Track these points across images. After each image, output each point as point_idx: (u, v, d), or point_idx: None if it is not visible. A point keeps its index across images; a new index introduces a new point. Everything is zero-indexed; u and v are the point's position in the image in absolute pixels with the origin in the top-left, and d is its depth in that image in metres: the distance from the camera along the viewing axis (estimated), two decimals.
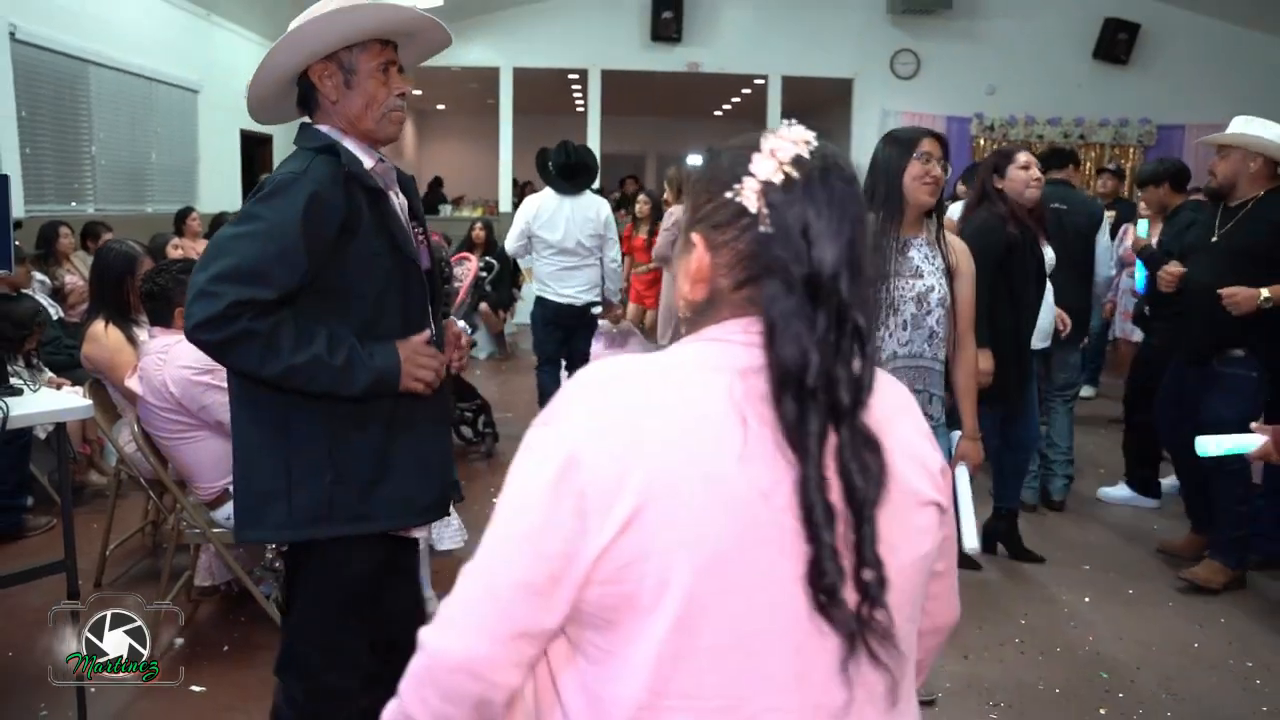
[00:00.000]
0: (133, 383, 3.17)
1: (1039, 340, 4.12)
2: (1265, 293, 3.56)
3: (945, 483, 1.04)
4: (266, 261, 1.75)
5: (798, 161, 0.94)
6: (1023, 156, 3.74)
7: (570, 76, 12.52)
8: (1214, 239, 3.86)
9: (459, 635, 0.92)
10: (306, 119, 1.99)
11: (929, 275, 2.71)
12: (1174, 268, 3.96)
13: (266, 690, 2.94)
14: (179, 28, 8.56)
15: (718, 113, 17.75)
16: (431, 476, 1.97)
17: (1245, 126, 3.76)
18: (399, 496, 1.92)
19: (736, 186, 0.95)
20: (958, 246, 2.88)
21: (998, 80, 11.08)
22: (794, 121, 0.98)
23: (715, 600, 0.88)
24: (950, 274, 2.77)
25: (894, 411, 1.00)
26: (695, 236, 0.99)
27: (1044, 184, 4.51)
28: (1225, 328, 3.69)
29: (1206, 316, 3.76)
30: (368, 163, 1.92)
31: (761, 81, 11.92)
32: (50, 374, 4.38)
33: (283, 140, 11.05)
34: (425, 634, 0.94)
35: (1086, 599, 3.74)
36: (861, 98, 11.45)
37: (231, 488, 3.09)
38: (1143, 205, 5.38)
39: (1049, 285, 4.05)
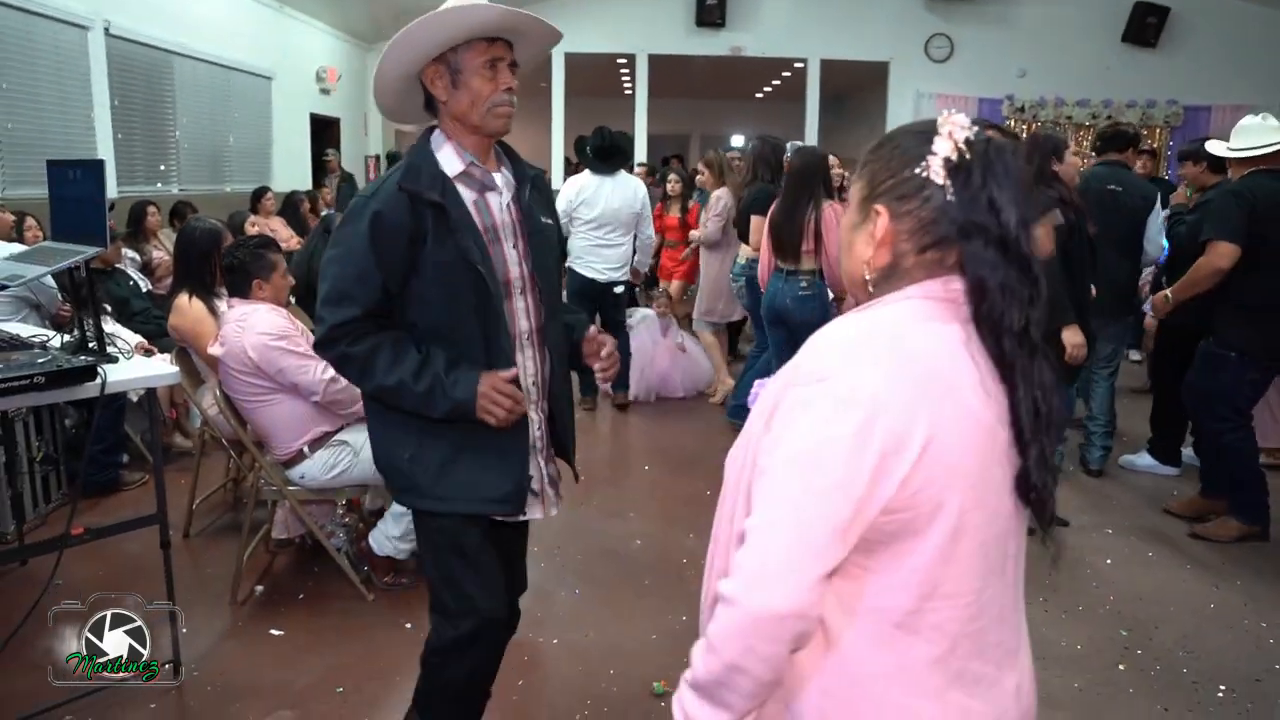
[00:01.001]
0: (215, 350, 3.23)
1: None
2: (1167, 293, 3.76)
3: None
4: (347, 283, 1.86)
5: (970, 142, 1.05)
6: (1072, 144, 3.73)
7: (619, 61, 12.43)
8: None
9: (784, 589, 0.95)
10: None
11: None
12: (1161, 296, 4.02)
13: (338, 635, 3.04)
14: (254, 19, 8.64)
15: (759, 95, 17.53)
16: (506, 471, 1.96)
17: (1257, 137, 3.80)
18: (469, 483, 1.95)
19: (923, 164, 1.05)
20: None
21: (1028, 63, 10.81)
22: (955, 110, 1.09)
23: (972, 513, 1.00)
24: None
25: None
26: (879, 207, 1.08)
27: (1098, 165, 4.46)
28: (1196, 313, 3.81)
29: (1198, 305, 3.84)
30: (455, 168, 1.90)
31: (801, 65, 11.75)
32: (139, 338, 4.45)
33: (350, 123, 11.14)
34: (737, 590, 0.97)
35: (1109, 561, 3.68)
36: (897, 80, 11.24)
37: (306, 448, 3.18)
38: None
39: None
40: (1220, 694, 2.76)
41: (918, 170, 1.05)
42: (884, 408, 0.96)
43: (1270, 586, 3.48)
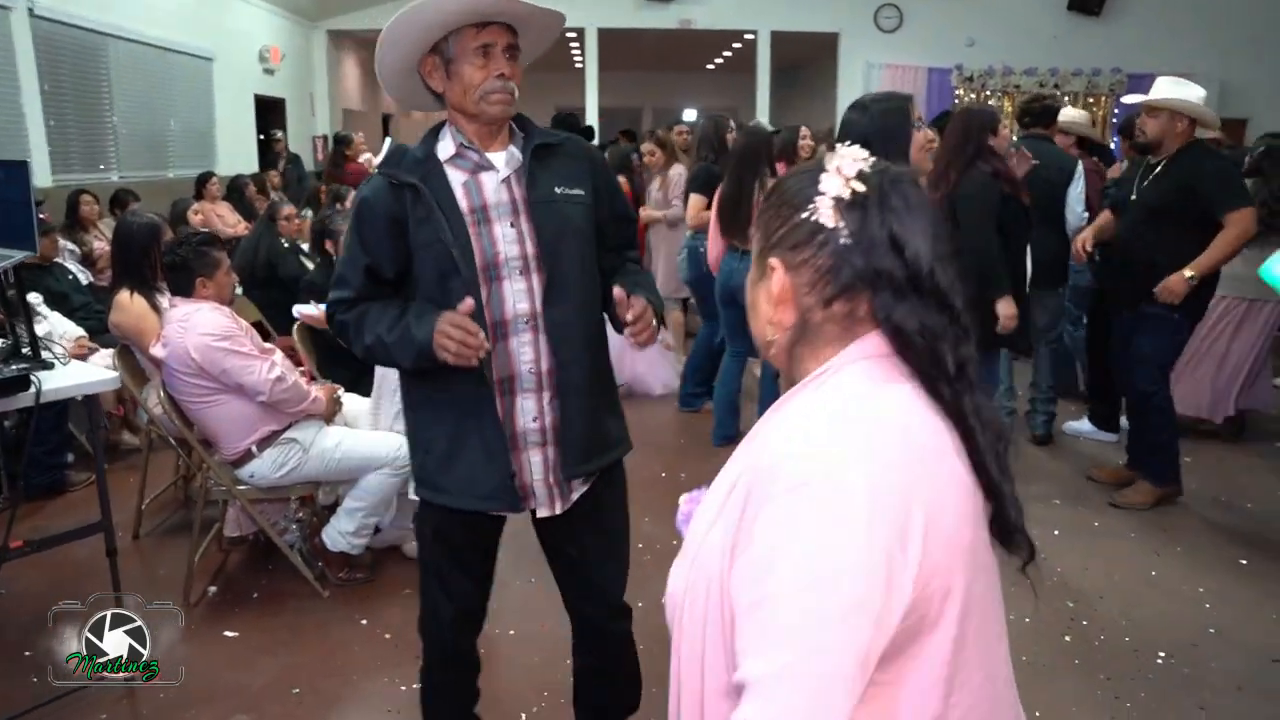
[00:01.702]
0: (157, 350, 3.16)
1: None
2: (1188, 271, 3.65)
3: None
4: (343, 268, 1.96)
5: (863, 176, 0.95)
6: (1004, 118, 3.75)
7: (569, 35, 12.28)
8: (1134, 196, 3.87)
9: None
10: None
11: None
12: (1085, 235, 4.04)
13: (293, 634, 3.02)
14: None
15: (710, 66, 17.45)
16: (493, 466, 1.91)
17: (1172, 90, 3.76)
18: (466, 478, 1.92)
19: (811, 207, 0.95)
20: None
21: (977, 33, 10.88)
22: (851, 143, 0.99)
23: (975, 584, 0.90)
24: None
25: None
26: (773, 261, 0.98)
27: (1022, 139, 4.50)
28: (1145, 280, 3.75)
29: (1129, 270, 3.85)
30: (448, 151, 1.88)
31: (751, 36, 11.72)
32: (81, 330, 4.34)
33: (295, 102, 10.91)
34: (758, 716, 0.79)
35: (1056, 532, 3.77)
36: (847, 51, 11.26)
37: (255, 448, 3.14)
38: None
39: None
40: (1160, 660, 2.85)
41: (805, 214, 0.95)
42: (879, 501, 0.82)
43: (1207, 552, 3.59)
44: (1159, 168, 3.78)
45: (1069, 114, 5.26)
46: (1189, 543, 3.66)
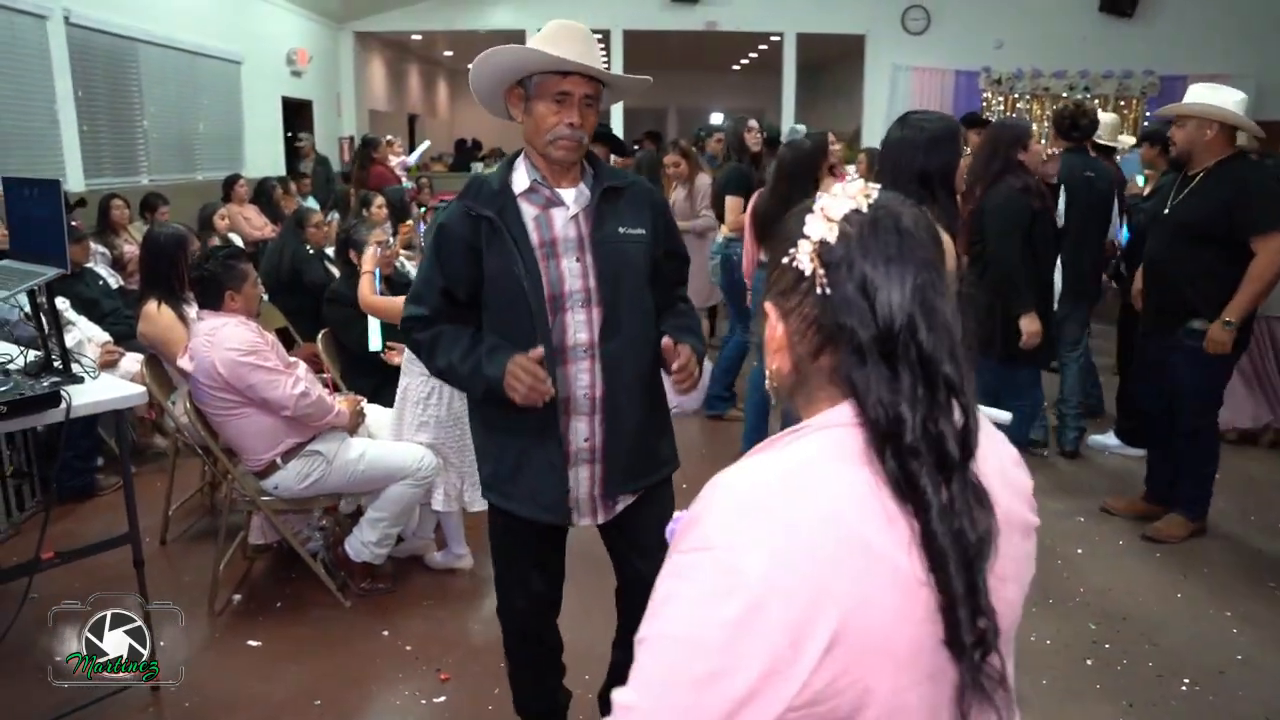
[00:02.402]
0: (184, 362, 3.20)
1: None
2: (1227, 317, 3.41)
3: (1035, 503, 1.00)
4: (419, 286, 2.10)
5: (850, 217, 0.87)
6: (1034, 130, 3.69)
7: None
8: (1166, 210, 3.63)
9: None
10: None
11: None
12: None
13: (318, 644, 3.05)
14: (219, 3, 8.47)
15: (735, 68, 17.41)
16: (552, 480, 2.07)
17: (1203, 95, 3.52)
18: (530, 490, 2.09)
19: (792, 251, 0.89)
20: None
21: (1006, 34, 10.77)
22: (855, 176, 0.96)
23: (909, 692, 0.82)
24: None
25: (994, 442, 0.96)
26: (767, 305, 0.93)
27: (1070, 153, 4.43)
28: (1183, 298, 3.53)
29: (1163, 289, 3.64)
30: (522, 184, 2.02)
31: (777, 38, 11.68)
32: (107, 336, 4.41)
33: (323, 104, 11.00)
34: None
35: (1079, 550, 3.73)
36: (873, 53, 11.18)
37: (280, 459, 3.18)
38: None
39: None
40: (1184, 688, 2.82)
41: (787, 259, 0.89)
42: (776, 593, 0.77)
43: (1235, 575, 3.53)
44: (1195, 181, 3.53)
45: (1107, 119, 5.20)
46: (1217, 564, 3.61)
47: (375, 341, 3.95)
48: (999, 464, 0.95)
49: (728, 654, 0.77)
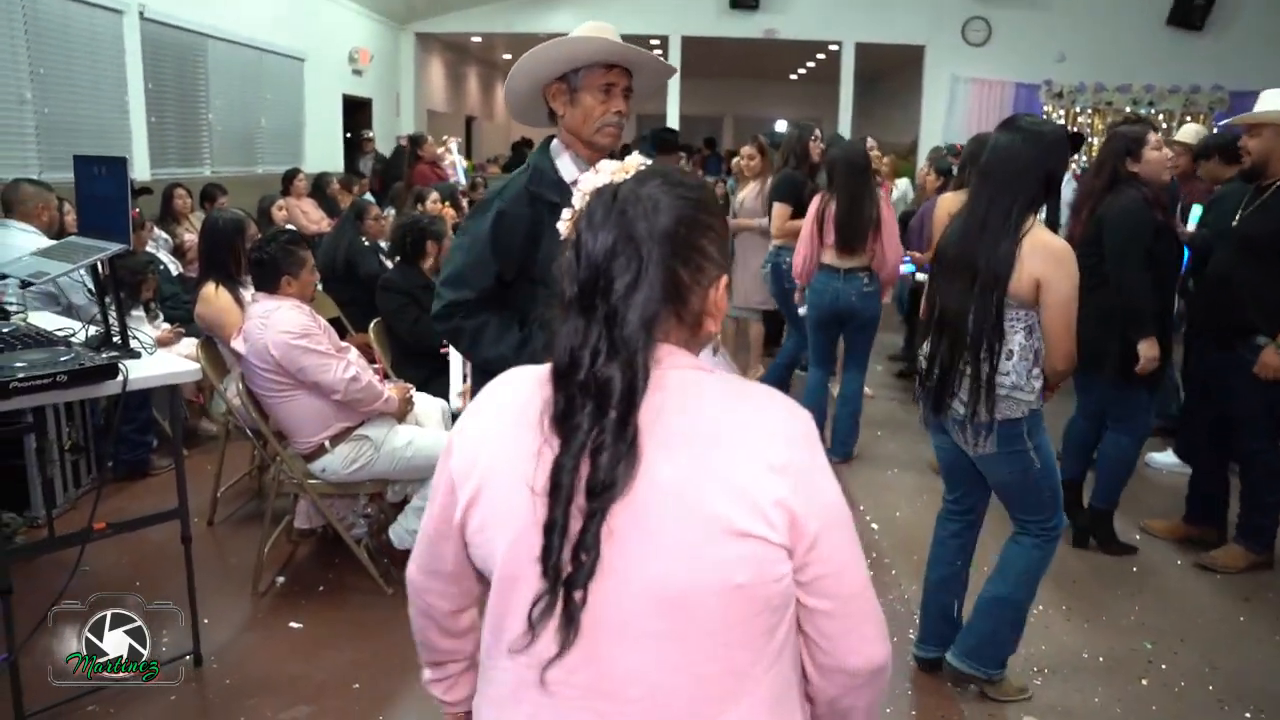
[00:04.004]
0: (238, 344, 3.24)
1: None
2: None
3: (782, 521, 0.96)
4: (467, 269, 2.14)
5: (596, 191, 1.02)
6: (1153, 137, 3.43)
7: (653, 42, 12.31)
8: (1234, 223, 3.46)
9: (410, 564, 1.19)
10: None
11: None
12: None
13: (357, 628, 3.05)
14: (287, 1, 8.62)
15: (793, 76, 17.32)
16: None
17: (1276, 101, 3.36)
18: None
19: (561, 223, 1.07)
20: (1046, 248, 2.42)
21: (1068, 47, 10.56)
22: (637, 152, 1.09)
23: (516, 568, 0.99)
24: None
25: (738, 440, 0.97)
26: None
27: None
28: (1245, 314, 3.38)
29: (1226, 303, 3.47)
30: (571, 175, 2.11)
31: (836, 48, 11.58)
32: (166, 325, 4.51)
33: (382, 102, 11.14)
34: None
35: (1134, 569, 3.61)
36: (932, 64, 11.04)
37: (328, 443, 3.19)
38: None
39: None
40: (1248, 716, 2.69)
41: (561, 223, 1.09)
42: (452, 450, 1.08)
43: None
44: (1268, 193, 3.38)
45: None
46: None
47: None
48: (736, 461, 0.96)
49: (437, 482, 1.10)
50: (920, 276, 5.15)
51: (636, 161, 1.05)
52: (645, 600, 0.95)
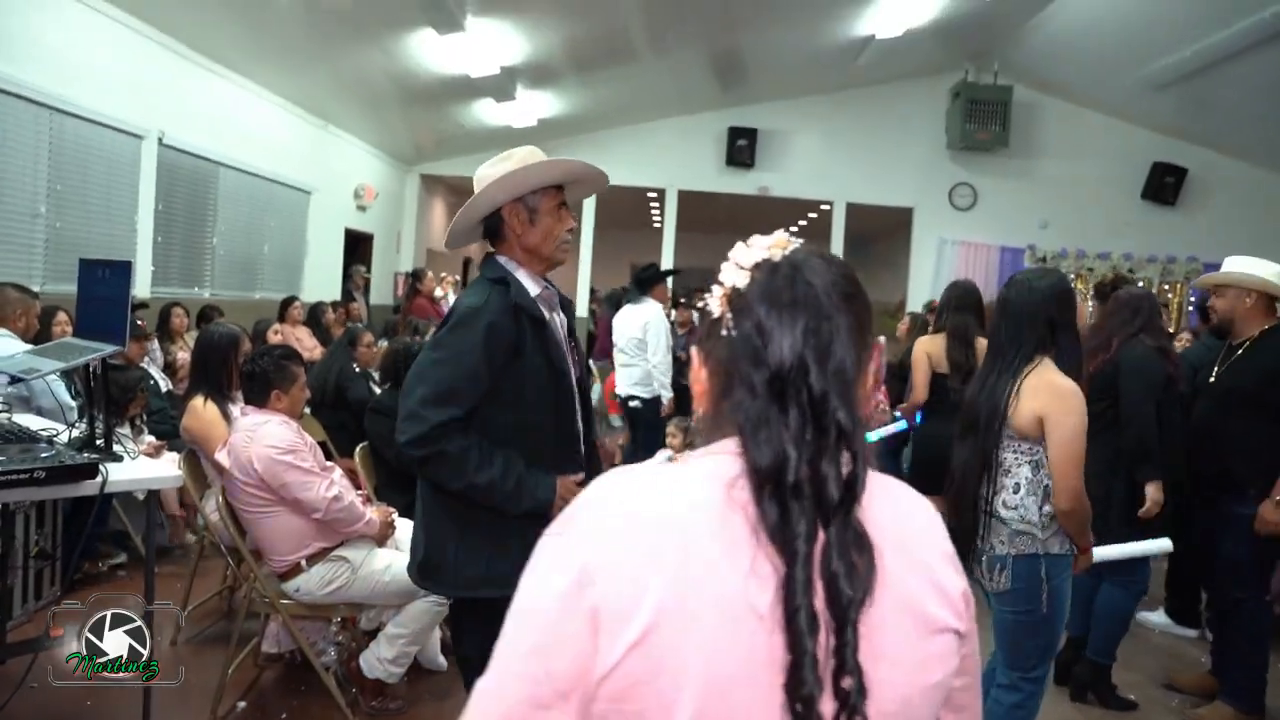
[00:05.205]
0: (221, 456, 3.21)
1: None
2: (1278, 496, 3.28)
3: (968, 611, 0.94)
4: (458, 383, 2.04)
5: (760, 265, 0.92)
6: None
7: (649, 195, 12.78)
8: (1212, 379, 3.62)
9: None
10: (490, 249, 2.27)
11: None
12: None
13: None
14: (299, 136, 8.99)
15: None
16: None
17: (1238, 265, 3.62)
18: (521, 568, 2.13)
19: (708, 296, 0.95)
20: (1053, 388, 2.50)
21: (1051, 215, 11.02)
22: (789, 231, 0.97)
23: (717, 716, 0.81)
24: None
25: (917, 531, 0.94)
26: (693, 350, 0.98)
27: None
28: (1229, 466, 3.46)
29: (1209, 459, 3.55)
30: (534, 290, 2.19)
31: (827, 207, 12.03)
32: (150, 437, 4.47)
33: (382, 240, 11.44)
34: None
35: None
36: (921, 226, 11.45)
37: (305, 562, 3.12)
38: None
39: None
40: None
41: (703, 304, 0.96)
42: (599, 577, 0.82)
43: None
44: (1241, 349, 3.54)
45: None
46: None
47: None
48: (927, 555, 0.92)
49: (555, 626, 0.82)
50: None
51: (785, 237, 0.96)
52: (873, 715, 0.84)
